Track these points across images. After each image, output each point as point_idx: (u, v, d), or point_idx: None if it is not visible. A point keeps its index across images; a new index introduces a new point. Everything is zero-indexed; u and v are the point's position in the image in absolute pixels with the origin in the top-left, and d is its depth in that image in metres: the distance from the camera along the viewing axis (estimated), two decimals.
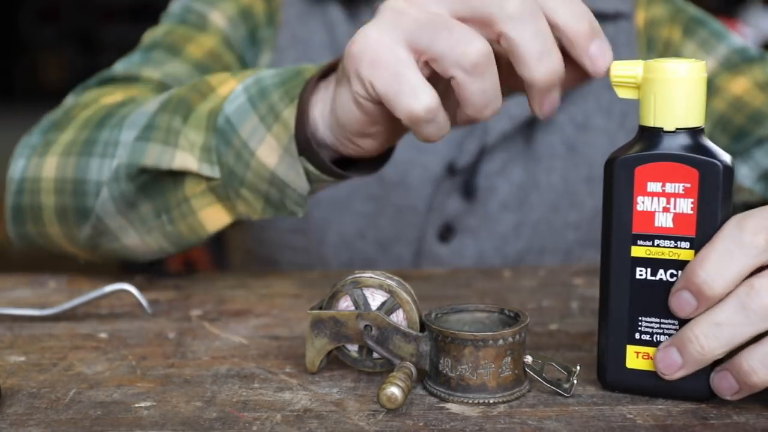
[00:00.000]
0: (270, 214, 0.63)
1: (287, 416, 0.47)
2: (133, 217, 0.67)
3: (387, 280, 0.52)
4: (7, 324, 0.63)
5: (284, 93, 0.59)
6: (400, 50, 0.50)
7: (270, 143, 0.60)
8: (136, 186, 0.65)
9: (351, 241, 0.89)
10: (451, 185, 0.88)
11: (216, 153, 0.62)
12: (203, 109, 0.63)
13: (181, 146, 0.63)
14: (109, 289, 0.63)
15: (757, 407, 0.48)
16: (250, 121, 0.60)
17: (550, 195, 0.89)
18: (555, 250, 0.90)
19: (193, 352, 0.57)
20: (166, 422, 0.47)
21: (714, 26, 0.93)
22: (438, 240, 0.88)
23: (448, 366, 0.49)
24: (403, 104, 0.50)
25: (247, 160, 0.60)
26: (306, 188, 0.61)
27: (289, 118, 0.58)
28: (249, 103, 0.60)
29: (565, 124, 0.90)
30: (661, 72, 0.47)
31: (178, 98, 0.65)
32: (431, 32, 0.49)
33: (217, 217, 0.65)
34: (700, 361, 0.46)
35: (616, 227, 0.48)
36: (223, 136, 0.61)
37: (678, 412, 0.47)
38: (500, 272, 0.76)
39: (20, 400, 0.50)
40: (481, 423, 0.46)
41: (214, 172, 0.62)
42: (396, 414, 0.48)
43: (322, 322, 0.52)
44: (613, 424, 0.46)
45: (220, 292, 0.70)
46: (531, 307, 0.66)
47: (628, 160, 0.48)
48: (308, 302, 0.68)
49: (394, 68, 0.50)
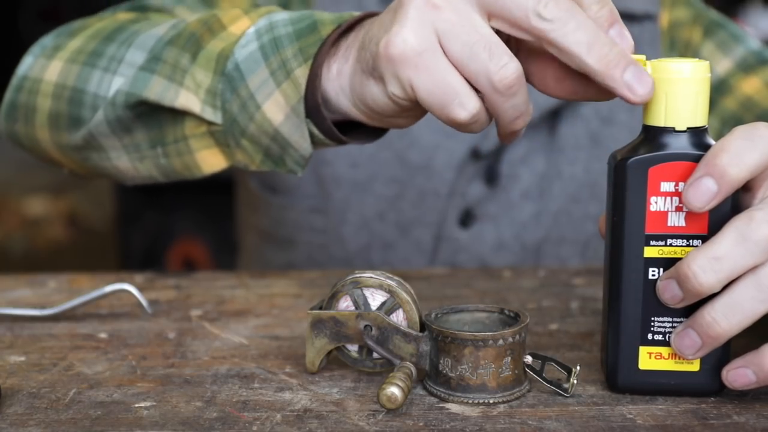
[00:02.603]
0: (268, 167, 0.62)
1: (287, 416, 0.47)
2: (127, 141, 0.65)
3: (387, 280, 0.52)
4: (7, 324, 0.63)
5: (299, 50, 0.57)
6: (442, 57, 0.49)
7: (278, 100, 0.58)
8: (134, 114, 0.63)
9: (371, 223, 0.89)
10: (475, 170, 0.88)
11: (221, 98, 0.60)
12: (213, 49, 0.61)
13: (186, 86, 0.61)
14: (109, 289, 0.63)
15: (757, 407, 0.48)
16: (260, 73, 0.58)
17: (571, 186, 0.90)
18: (574, 241, 0.90)
19: (193, 352, 0.57)
20: (166, 422, 0.47)
21: (733, 29, 0.94)
22: (458, 225, 0.88)
23: (448, 366, 0.49)
24: (446, 112, 0.50)
25: (252, 112, 0.59)
26: (309, 150, 0.59)
27: (301, 77, 0.56)
28: (260, 52, 0.58)
29: (591, 116, 0.90)
30: (671, 72, 0.47)
31: (189, 33, 0.62)
32: (468, 44, 0.48)
33: (214, 161, 0.64)
34: (706, 323, 0.46)
35: (628, 228, 0.48)
36: (230, 83, 0.59)
37: (678, 412, 0.47)
38: (500, 272, 0.76)
39: (20, 400, 0.50)
40: (481, 423, 0.46)
41: (216, 118, 0.60)
42: (396, 414, 0.48)
43: (322, 322, 0.52)
44: (613, 424, 0.46)
45: (220, 292, 0.70)
46: (531, 307, 0.66)
47: (642, 161, 0.48)
48: (308, 302, 0.68)
49: (439, 76, 0.49)
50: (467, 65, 0.48)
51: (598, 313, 0.64)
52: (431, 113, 0.51)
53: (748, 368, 0.47)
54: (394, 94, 0.51)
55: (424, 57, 0.48)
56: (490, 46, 0.48)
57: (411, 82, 0.49)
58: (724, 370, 0.48)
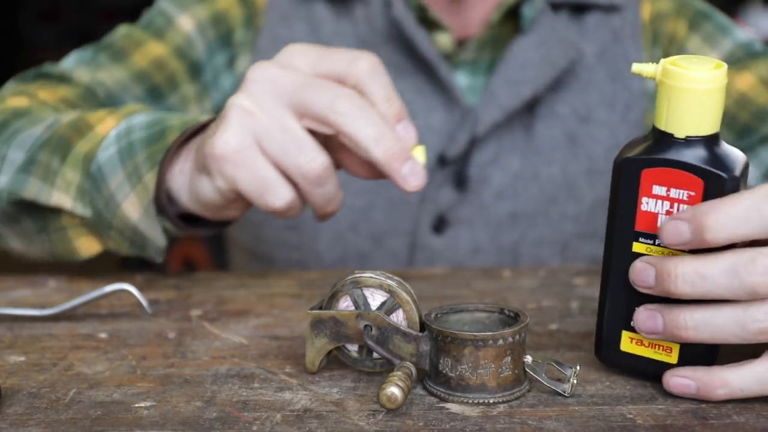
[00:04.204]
0: (135, 252, 0.68)
1: (287, 416, 0.47)
2: (17, 229, 0.73)
3: (387, 280, 0.52)
4: (7, 324, 0.63)
5: (148, 156, 0.64)
6: (258, 155, 0.57)
7: (133, 200, 0.65)
8: (19, 208, 0.70)
9: (344, 236, 0.89)
10: (443, 176, 0.88)
11: (89, 196, 0.67)
12: (81, 150, 0.68)
13: (58, 186, 0.68)
14: (109, 289, 0.63)
15: (757, 407, 0.48)
16: (118, 175, 0.65)
17: (548, 186, 0.89)
18: (552, 242, 0.90)
19: (193, 352, 0.57)
20: (166, 422, 0.47)
21: (719, 20, 0.93)
22: (432, 231, 0.88)
23: (448, 366, 0.49)
24: (264, 201, 0.58)
25: (114, 210, 0.66)
26: (163, 242, 0.67)
27: (150, 182, 0.64)
28: (118, 156, 0.65)
29: (568, 115, 0.90)
30: (676, 79, 0.47)
31: (59, 136, 0.70)
32: (280, 143, 0.56)
33: (91, 246, 0.70)
34: (669, 298, 0.47)
35: (619, 222, 0.49)
36: (94, 183, 0.66)
37: (678, 412, 0.47)
38: (500, 272, 0.76)
39: (20, 400, 0.50)
40: (481, 423, 0.46)
41: (86, 213, 0.67)
42: (396, 414, 0.48)
43: (322, 322, 0.52)
44: (613, 424, 0.46)
45: (220, 292, 0.70)
46: (531, 307, 0.66)
47: (636, 162, 0.48)
48: (308, 302, 0.68)
49: (256, 170, 0.57)
50: (281, 160, 0.57)
51: None
52: (252, 203, 0.59)
53: (692, 382, 0.48)
54: (219, 187, 0.58)
55: (243, 155, 0.57)
56: (300, 143, 0.57)
57: (232, 176, 0.57)
58: (668, 374, 0.49)
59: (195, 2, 0.93)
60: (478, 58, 0.91)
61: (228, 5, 0.93)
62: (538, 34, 0.88)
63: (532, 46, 0.88)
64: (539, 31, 0.88)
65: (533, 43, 0.88)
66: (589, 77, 0.90)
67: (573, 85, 0.90)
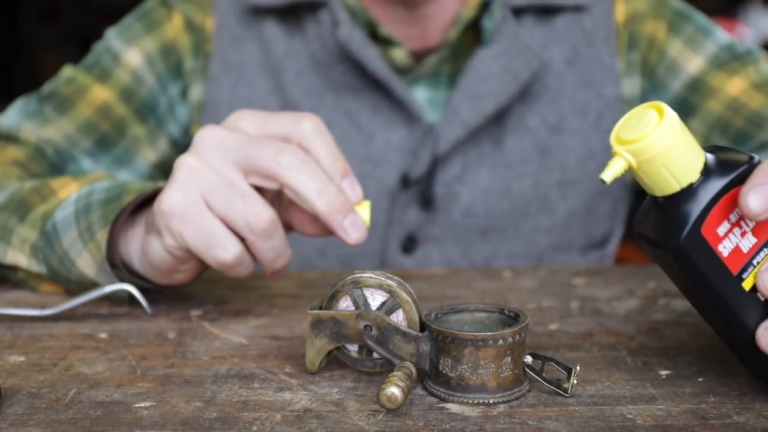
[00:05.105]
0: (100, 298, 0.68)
1: (287, 416, 0.47)
2: None
3: (387, 280, 0.52)
4: (7, 324, 0.63)
5: (102, 215, 0.64)
6: (205, 210, 0.58)
7: (86, 258, 0.65)
8: None
9: (313, 261, 0.88)
10: (408, 197, 0.86)
11: (41, 253, 0.68)
12: (39, 211, 0.70)
13: (13, 244, 0.70)
14: (109, 289, 0.63)
15: (757, 407, 0.48)
16: (71, 233, 0.66)
17: (519, 200, 0.88)
18: (526, 255, 0.89)
19: (193, 352, 0.57)
20: (166, 422, 0.47)
21: (699, 20, 0.91)
22: (401, 252, 0.87)
23: (448, 366, 0.49)
24: (212, 255, 0.58)
25: (69, 266, 0.67)
26: (125, 294, 0.66)
27: (102, 240, 0.64)
28: (74, 216, 0.66)
29: (538, 127, 0.88)
30: (655, 147, 0.45)
31: (19, 199, 0.72)
32: (226, 198, 0.58)
33: (54, 289, 0.71)
34: None
35: (720, 289, 0.47)
36: (48, 241, 0.67)
37: (678, 412, 0.47)
38: (500, 272, 0.76)
39: (20, 400, 0.50)
40: (481, 423, 0.46)
41: (41, 269, 0.69)
42: (396, 414, 0.48)
43: (322, 322, 0.52)
44: (613, 424, 0.46)
45: (220, 292, 0.70)
46: (531, 307, 0.66)
47: (692, 231, 0.46)
48: (308, 302, 0.68)
49: (203, 225, 0.58)
50: (227, 214, 0.58)
51: (598, 313, 0.64)
52: (200, 258, 0.59)
53: None
54: (168, 244, 0.59)
55: (190, 210, 0.58)
56: (246, 197, 0.58)
57: (180, 231, 0.58)
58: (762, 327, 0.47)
59: (142, 34, 0.91)
60: (438, 71, 0.89)
61: (175, 34, 0.91)
62: (500, 45, 0.86)
63: (494, 57, 0.86)
64: (501, 41, 0.86)
65: (494, 54, 0.86)
66: (560, 85, 0.88)
67: (542, 94, 0.88)
